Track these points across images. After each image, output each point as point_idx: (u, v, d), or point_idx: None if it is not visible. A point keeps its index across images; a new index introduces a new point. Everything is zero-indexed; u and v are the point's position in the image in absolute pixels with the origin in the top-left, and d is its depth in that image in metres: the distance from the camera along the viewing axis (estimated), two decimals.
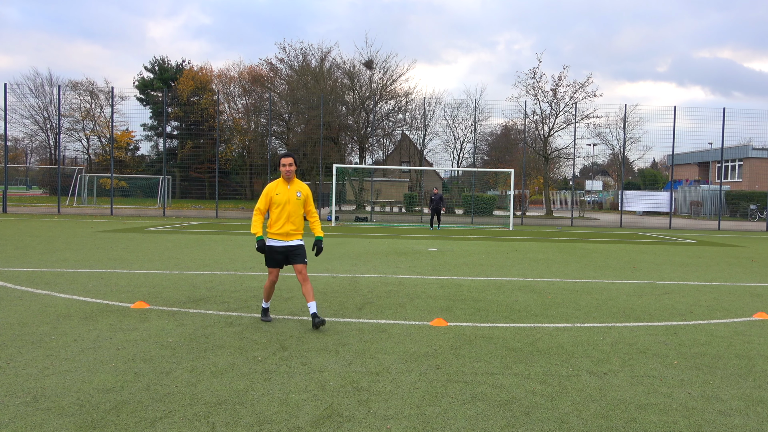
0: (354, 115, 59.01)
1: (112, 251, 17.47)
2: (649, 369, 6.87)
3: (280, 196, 8.49)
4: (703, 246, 24.92)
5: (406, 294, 11.36)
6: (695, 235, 32.38)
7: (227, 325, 8.48)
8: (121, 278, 12.49)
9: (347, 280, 12.89)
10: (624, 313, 10.03)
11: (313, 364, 6.74)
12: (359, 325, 8.69)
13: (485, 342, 7.87)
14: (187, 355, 6.98)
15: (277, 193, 8.51)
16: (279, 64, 61.72)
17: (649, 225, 41.89)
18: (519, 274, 14.49)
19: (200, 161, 63.83)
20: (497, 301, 10.79)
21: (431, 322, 8.89)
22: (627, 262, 17.91)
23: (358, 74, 60.55)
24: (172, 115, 71.80)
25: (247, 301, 10.32)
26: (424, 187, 56.70)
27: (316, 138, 49.55)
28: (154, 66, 79.62)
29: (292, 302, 10.25)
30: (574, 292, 12.10)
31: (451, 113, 65.95)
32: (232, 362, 6.76)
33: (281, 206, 8.48)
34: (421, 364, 6.85)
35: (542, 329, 8.69)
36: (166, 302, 10.05)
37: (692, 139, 55.40)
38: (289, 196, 8.51)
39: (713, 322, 9.52)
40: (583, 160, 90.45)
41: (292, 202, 8.50)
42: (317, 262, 15.68)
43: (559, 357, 7.27)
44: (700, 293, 12.34)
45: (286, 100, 57.82)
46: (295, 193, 8.57)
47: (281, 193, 8.51)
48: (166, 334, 7.90)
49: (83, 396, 5.61)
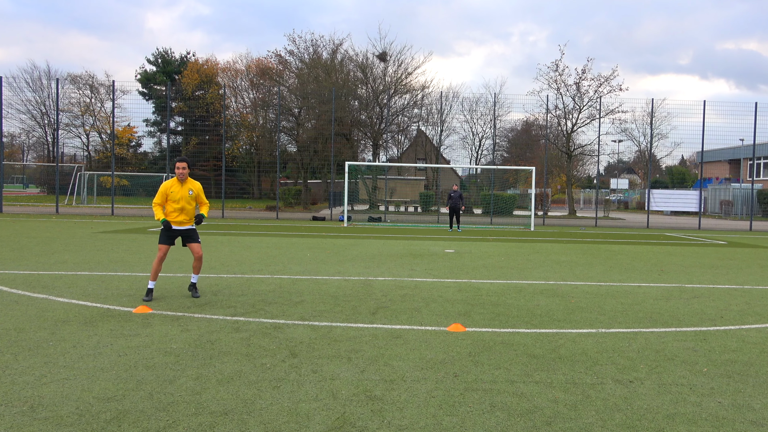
0: (367, 110, 58.87)
1: (113, 253, 17.53)
2: (678, 377, 6.85)
3: (175, 194, 10.71)
4: (734, 247, 24.80)
5: (422, 298, 11.36)
6: (726, 236, 32.23)
7: (234, 331, 8.49)
8: (122, 281, 12.54)
9: (360, 284, 12.90)
10: (651, 318, 10.00)
11: (324, 372, 6.74)
12: (373, 330, 8.70)
13: (505, 348, 7.86)
14: (192, 362, 6.99)
15: (172, 192, 10.71)
16: (288, 57, 61.75)
17: (677, 225, 41.72)
18: (540, 277, 14.46)
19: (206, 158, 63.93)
20: (518, 306, 10.78)
21: (448, 327, 8.89)
22: (654, 264, 17.85)
23: (371, 67, 60.41)
24: (176, 110, 71.95)
25: (255, 305, 10.33)
26: (441, 185, 56.55)
27: (327, 134, 49.49)
28: (157, 58, 79.81)
29: (302, 306, 10.26)
30: (599, 295, 12.07)
31: (469, 108, 65.83)
32: (238, 370, 6.77)
33: (177, 202, 10.72)
34: (437, 371, 6.84)
35: (565, 335, 8.67)
36: (170, 307, 10.08)
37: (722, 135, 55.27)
38: (182, 194, 10.75)
39: (745, 327, 9.48)
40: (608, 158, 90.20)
41: (185, 199, 10.77)
42: (328, 265, 15.70)
43: (583, 364, 7.25)
44: (731, 297, 12.28)
45: (296, 94, 57.71)
46: (188, 191, 10.80)
47: (176, 191, 10.72)
48: (170, 340, 7.92)
49: (83, 405, 5.63)
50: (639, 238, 29.59)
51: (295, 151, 61.16)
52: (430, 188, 64.35)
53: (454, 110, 73.45)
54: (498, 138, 66.30)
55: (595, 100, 50.58)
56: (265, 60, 67.65)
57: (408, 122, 62.98)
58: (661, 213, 54.66)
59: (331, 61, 60.12)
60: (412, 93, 60.19)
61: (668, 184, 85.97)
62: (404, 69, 60.40)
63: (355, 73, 60.75)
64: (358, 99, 58.88)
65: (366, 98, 59.09)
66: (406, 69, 60.44)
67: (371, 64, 60.69)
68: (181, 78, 72.07)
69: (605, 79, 51.50)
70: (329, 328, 8.77)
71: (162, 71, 77.76)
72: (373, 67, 60.76)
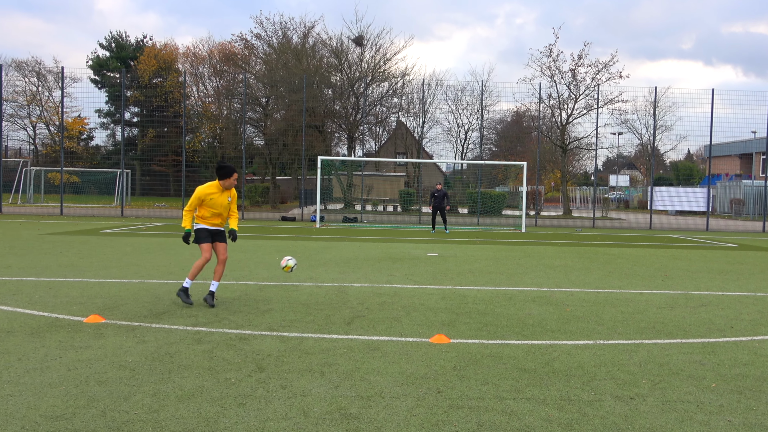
0: (342, 100, 58.83)
1: (62, 257, 17.44)
2: (683, 393, 6.87)
3: (215, 201, 11.15)
4: (746, 251, 24.99)
5: (402, 306, 11.35)
6: (736, 239, 32.47)
7: (195, 343, 8.45)
8: (72, 288, 12.47)
9: (334, 290, 12.89)
10: (654, 328, 10.04)
11: (295, 388, 6.72)
12: (348, 342, 8.68)
13: (493, 362, 7.87)
14: (149, 377, 6.95)
15: (211, 199, 11.11)
16: (255, 41, 61.57)
17: (683, 226, 41.99)
18: (533, 284, 14.51)
19: (164, 153, 63.77)
20: (507, 315, 10.79)
21: (431, 338, 8.89)
22: (657, 269, 17.95)
23: (346, 52, 60.36)
24: (132, 100, 71.70)
25: (218, 314, 10.30)
26: (423, 182, 56.60)
27: (297, 126, 49.41)
28: (111, 43, 79.55)
29: (270, 316, 10.23)
30: (597, 303, 12.11)
31: (454, 97, 66.01)
32: (200, 385, 6.73)
33: (215, 208, 11.18)
34: (419, 387, 6.84)
35: (559, 347, 8.69)
36: (125, 316, 10.02)
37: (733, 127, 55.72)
38: (222, 202, 11.26)
39: (758, 338, 9.53)
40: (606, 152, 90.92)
41: (224, 207, 11.32)
42: (299, 271, 15.68)
43: (579, 379, 7.27)
44: (743, 305, 12.36)
45: (264, 82, 57.56)
46: (227, 198, 11.35)
47: (215, 199, 11.16)
48: (125, 353, 7.87)
49: (29, 424, 5.57)
50: (641, 240, 29.76)
51: (262, 145, 61.02)
52: (410, 185, 64.43)
53: (438, 100, 73.79)
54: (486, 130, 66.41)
55: (593, 88, 50.90)
56: (230, 44, 67.57)
57: (387, 113, 63.08)
58: (665, 213, 55.01)
59: (302, 46, 60.02)
60: (391, 81, 60.27)
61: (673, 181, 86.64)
62: (383, 54, 60.48)
63: (329, 58, 60.68)
64: (331, 87, 58.80)
65: (341, 86, 59.01)
66: (384, 54, 60.51)
67: (346, 49, 60.67)
68: (137, 64, 71.85)
69: (604, 65, 51.81)
70: (300, 339, 8.75)
71: (116, 57, 77.50)
72: (348, 52, 60.74)
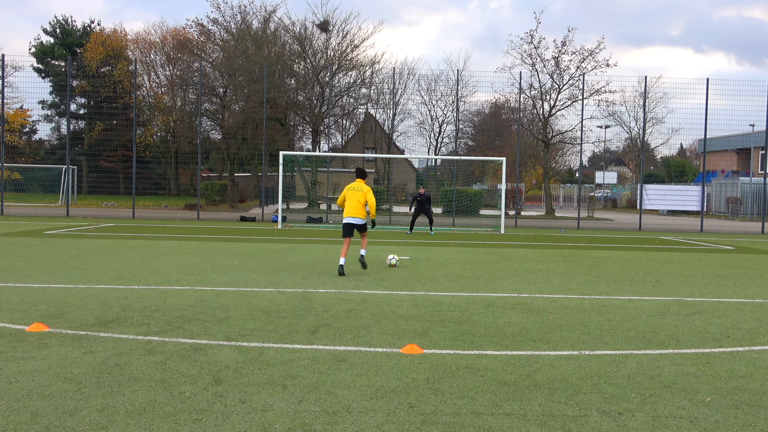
0: (306, 90, 58.76)
1: (2, 260, 17.39)
2: (675, 408, 6.92)
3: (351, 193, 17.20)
4: (743, 254, 25.22)
5: (370, 314, 11.37)
6: (733, 240, 32.73)
7: (147, 353, 8.42)
8: (13, 294, 12.42)
9: (297, 297, 12.89)
10: (644, 337, 10.10)
11: (255, 402, 6.71)
12: (312, 352, 8.68)
13: (470, 374, 7.89)
14: (97, 391, 6.92)
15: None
16: (212, 26, 61.31)
17: (675, 227, 42.27)
18: (512, 289, 14.56)
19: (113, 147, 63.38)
20: (485, 323, 10.83)
21: (402, 349, 8.90)
22: (648, 273, 18.07)
23: (310, 38, 60.39)
24: (78, 90, 71.19)
25: (172, 322, 10.27)
26: (394, 180, 56.62)
27: (258, 118, 49.25)
28: (55, 28, 79.11)
29: (228, 324, 10.22)
30: (582, 311, 12.18)
31: (427, 88, 66.14)
32: (152, 399, 6.71)
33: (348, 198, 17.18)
34: (389, 401, 6.85)
35: (541, 358, 8.73)
36: (71, 324, 9.98)
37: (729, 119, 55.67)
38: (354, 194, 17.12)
39: (756, 349, 9.61)
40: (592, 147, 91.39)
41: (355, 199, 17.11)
42: (259, 275, 15.67)
43: (563, 393, 7.29)
44: (740, 313, 12.46)
45: (221, 71, 57.36)
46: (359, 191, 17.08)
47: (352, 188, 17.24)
48: (71, 364, 7.83)
49: None
50: (630, 242, 29.95)
51: (219, 139, 60.89)
52: (380, 183, 64.40)
53: (410, 90, 73.84)
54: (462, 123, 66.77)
55: (578, 77, 51.03)
56: (184, 30, 67.38)
57: (354, 104, 63.16)
58: (656, 213, 55.32)
59: (262, 32, 59.92)
60: (359, 69, 60.33)
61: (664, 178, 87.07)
62: (350, 41, 60.55)
63: (292, 45, 60.67)
64: (295, 77, 58.75)
65: (304, 76, 58.99)
66: (352, 41, 60.59)
67: (311, 35, 60.69)
68: (84, 52, 71.51)
69: (589, 52, 51.79)
70: (260, 349, 8.74)
71: (61, 43, 77.10)
72: (312, 38, 60.78)
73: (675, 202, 46.06)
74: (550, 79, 53.13)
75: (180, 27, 69.80)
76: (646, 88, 45.62)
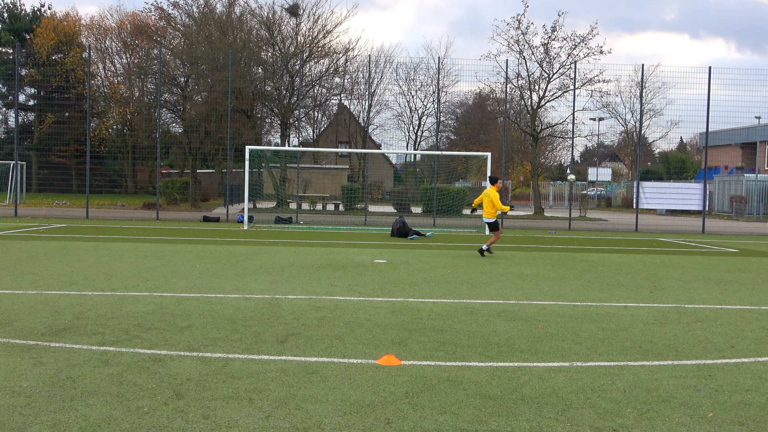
0: (274, 80, 58.64)
1: None
2: (675, 424, 6.95)
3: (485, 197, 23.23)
4: (748, 257, 25.36)
5: (344, 322, 11.37)
6: (737, 243, 32.87)
7: (101, 365, 8.39)
8: None
9: (264, 303, 12.88)
10: (641, 347, 10.15)
11: (219, 418, 6.71)
12: (281, 363, 8.68)
13: (452, 387, 7.90)
14: (48, 406, 6.90)
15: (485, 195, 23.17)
16: (172, 10, 61.15)
17: (674, 228, 42.43)
18: (498, 295, 14.60)
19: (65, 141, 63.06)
20: (469, 332, 10.85)
21: (379, 360, 8.92)
22: (645, 278, 18.15)
23: (279, 24, 60.27)
24: (27, 79, 70.97)
25: (129, 331, 10.24)
26: (370, 177, 56.58)
27: (222, 110, 49.18)
28: (2, 12, 78.87)
29: (190, 333, 10.20)
30: (574, 319, 12.22)
31: (405, 77, 66.28)
32: (108, 415, 6.70)
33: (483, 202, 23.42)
34: (365, 417, 6.86)
35: (530, 370, 8.75)
36: (19, 333, 9.94)
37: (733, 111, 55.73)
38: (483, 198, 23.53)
39: (762, 360, 9.66)
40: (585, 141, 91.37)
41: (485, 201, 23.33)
42: (224, 280, 15.65)
43: (553, 407, 7.32)
44: (745, 321, 12.51)
45: (182, 59, 57.25)
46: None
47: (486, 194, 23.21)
48: (19, 377, 7.81)
49: None
50: (625, 244, 30.08)
51: (180, 133, 60.79)
52: (355, 180, 64.40)
53: (387, 79, 73.73)
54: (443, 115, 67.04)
55: (569, 66, 50.93)
56: (143, 14, 67.21)
57: (327, 95, 63.19)
58: (654, 212, 55.59)
59: (227, 16, 59.87)
60: (331, 57, 60.26)
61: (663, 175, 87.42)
62: (322, 26, 60.43)
63: (259, 31, 60.56)
64: (262, 65, 58.66)
65: (273, 64, 58.87)
66: (324, 26, 60.47)
67: (279, 20, 60.57)
68: (34, 38, 71.19)
69: (581, 38, 51.66)
70: (225, 360, 8.74)
71: (8, 29, 76.89)
72: (281, 23, 60.67)
73: (674, 200, 46.15)
74: (539, 68, 52.97)
75: (138, 11, 69.65)
76: (643, 77, 45.70)
